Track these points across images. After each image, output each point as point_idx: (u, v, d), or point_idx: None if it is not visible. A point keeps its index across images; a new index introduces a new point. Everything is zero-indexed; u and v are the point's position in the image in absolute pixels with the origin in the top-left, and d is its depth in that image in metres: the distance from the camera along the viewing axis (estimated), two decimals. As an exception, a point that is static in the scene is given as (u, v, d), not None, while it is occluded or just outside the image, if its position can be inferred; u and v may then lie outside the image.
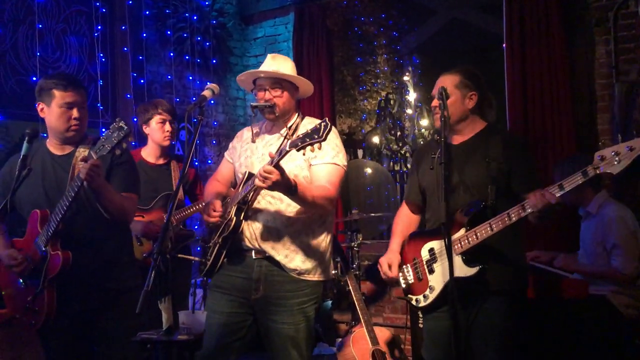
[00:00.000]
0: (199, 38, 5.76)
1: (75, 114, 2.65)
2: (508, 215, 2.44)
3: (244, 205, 2.61)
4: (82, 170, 2.44)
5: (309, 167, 2.64)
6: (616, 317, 3.33)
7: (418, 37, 8.18)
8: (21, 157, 2.63)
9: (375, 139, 7.91)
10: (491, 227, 2.47)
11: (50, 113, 2.65)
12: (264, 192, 2.60)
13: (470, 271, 2.48)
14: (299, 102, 5.76)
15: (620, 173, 2.24)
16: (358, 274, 4.54)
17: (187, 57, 5.69)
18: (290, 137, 2.60)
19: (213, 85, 2.56)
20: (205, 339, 2.73)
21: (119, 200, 2.69)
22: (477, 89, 2.71)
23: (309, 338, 2.69)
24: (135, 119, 4.92)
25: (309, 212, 2.62)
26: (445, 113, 2.48)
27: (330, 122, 2.50)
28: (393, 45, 8.41)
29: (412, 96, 8.68)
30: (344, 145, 2.76)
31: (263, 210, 2.63)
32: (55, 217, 2.55)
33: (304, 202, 2.50)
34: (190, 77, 5.78)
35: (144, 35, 5.26)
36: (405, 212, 2.97)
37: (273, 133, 2.78)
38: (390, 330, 4.35)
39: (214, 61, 5.99)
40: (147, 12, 5.30)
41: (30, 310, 2.64)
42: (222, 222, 2.64)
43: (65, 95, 2.62)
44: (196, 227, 5.28)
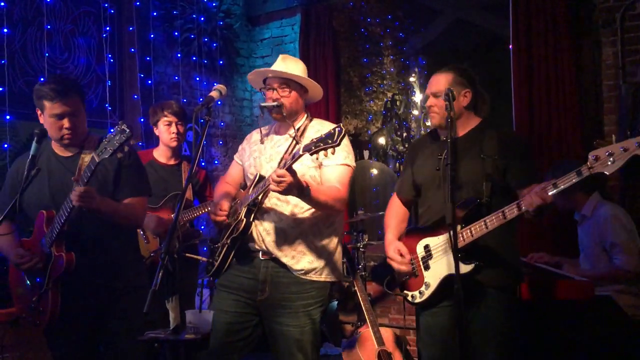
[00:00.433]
0: (206, 39, 5.79)
1: (65, 124, 2.60)
2: (503, 213, 2.44)
3: (254, 207, 2.63)
4: (73, 198, 2.45)
5: (317, 166, 2.65)
6: (621, 317, 3.33)
7: (424, 38, 8.17)
8: (30, 157, 2.63)
9: (381, 140, 7.91)
10: (486, 224, 2.46)
11: (44, 121, 2.65)
12: (271, 193, 2.61)
13: (466, 268, 2.47)
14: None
15: (614, 173, 2.24)
16: (364, 275, 4.54)
17: (194, 58, 5.72)
18: (298, 138, 2.63)
19: (220, 86, 2.56)
20: (211, 336, 2.75)
21: (123, 211, 2.70)
22: (470, 86, 2.71)
23: (314, 341, 2.68)
24: (143, 120, 4.97)
25: (318, 212, 2.63)
26: (451, 114, 2.48)
27: (337, 123, 2.53)
28: (399, 46, 8.41)
29: (418, 97, 8.67)
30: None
31: (270, 211, 2.65)
32: (59, 219, 2.56)
33: (316, 204, 2.51)
34: (198, 78, 5.81)
35: (152, 36, 5.29)
36: (397, 206, 2.94)
37: (281, 134, 2.80)
38: (395, 331, 4.36)
39: (221, 62, 6.01)
40: (154, 13, 5.33)
41: (35, 311, 2.64)
42: (231, 223, 2.65)
43: (53, 107, 2.57)
44: (202, 227, 5.30)
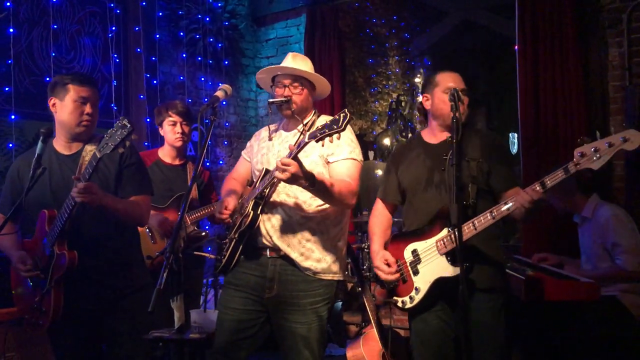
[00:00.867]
0: (211, 39, 5.80)
1: (88, 109, 2.68)
2: (491, 213, 2.44)
3: (260, 200, 2.63)
4: (74, 194, 2.45)
5: (324, 163, 2.65)
6: (626, 317, 3.32)
7: (429, 38, 8.16)
8: (36, 156, 2.62)
9: (386, 141, 7.90)
10: (474, 226, 2.47)
11: (62, 108, 2.67)
12: (280, 189, 2.62)
13: (455, 271, 2.47)
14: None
15: (603, 168, 2.28)
16: (368, 275, 4.54)
17: (199, 58, 5.73)
18: (306, 132, 2.62)
19: (225, 86, 2.56)
20: (216, 334, 2.74)
21: (124, 208, 2.70)
22: (469, 92, 2.73)
23: (321, 338, 2.69)
24: (148, 120, 4.98)
25: (327, 210, 2.63)
26: (457, 115, 2.48)
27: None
28: (404, 46, 8.40)
29: (423, 98, 8.66)
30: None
31: (279, 207, 2.64)
32: (61, 217, 2.56)
33: (325, 194, 2.47)
34: (203, 78, 5.82)
35: (157, 36, 5.31)
36: (382, 212, 2.94)
37: (290, 130, 2.80)
38: (399, 332, 4.35)
39: (226, 62, 6.02)
40: (160, 14, 5.34)
41: (38, 311, 2.64)
42: (237, 218, 2.66)
43: (80, 90, 2.65)
44: (207, 227, 5.30)
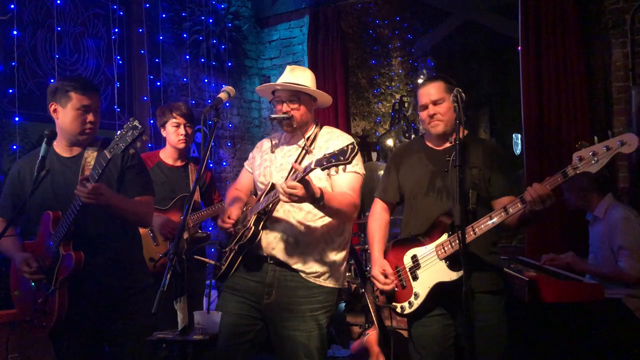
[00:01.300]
0: (214, 41, 5.81)
1: (90, 117, 2.66)
2: (490, 217, 2.47)
3: (263, 215, 2.64)
4: (82, 195, 2.44)
5: (327, 177, 2.66)
6: (631, 320, 3.31)
7: (432, 39, 8.15)
8: (40, 157, 2.62)
9: (390, 142, 7.89)
10: (474, 230, 2.50)
11: (64, 115, 2.65)
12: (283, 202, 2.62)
13: (454, 275, 2.51)
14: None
15: (600, 172, 2.35)
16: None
17: (202, 60, 5.74)
18: (308, 147, 2.65)
19: (229, 87, 2.57)
20: (218, 339, 2.75)
21: (132, 207, 2.70)
22: (460, 96, 2.75)
23: (322, 348, 2.66)
24: (152, 121, 4.99)
25: (330, 221, 2.64)
26: (460, 115, 2.47)
27: (345, 124, 2.55)
28: (407, 47, 8.40)
29: (426, 99, 8.65)
30: (358, 148, 2.77)
31: (281, 220, 2.65)
32: (67, 218, 2.56)
33: (329, 211, 2.50)
34: (206, 80, 5.83)
35: (161, 38, 5.32)
36: (380, 214, 2.95)
37: (292, 144, 2.81)
38: (403, 333, 4.34)
39: (229, 64, 6.03)
40: (163, 15, 5.36)
41: (41, 312, 2.64)
42: (239, 229, 2.66)
43: (82, 99, 2.62)
44: (210, 228, 5.31)
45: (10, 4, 4.18)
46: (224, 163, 5.93)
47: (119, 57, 5.01)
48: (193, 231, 3.65)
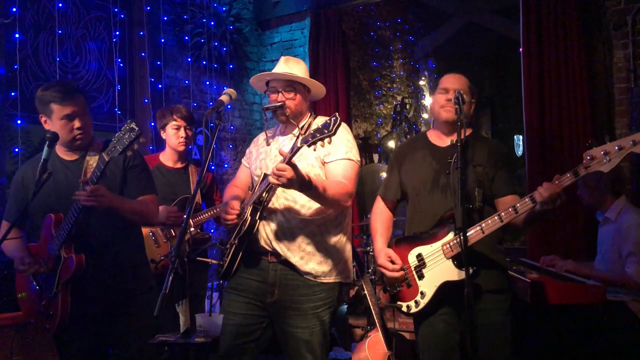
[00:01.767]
0: (216, 43, 5.81)
1: (77, 124, 2.65)
2: (499, 216, 2.45)
3: (259, 205, 2.63)
4: (82, 198, 2.45)
5: (321, 165, 2.65)
6: (634, 323, 3.30)
7: (434, 41, 8.17)
8: (42, 160, 2.63)
9: (391, 144, 7.90)
10: (482, 229, 2.48)
11: (53, 125, 2.66)
12: (279, 193, 2.63)
13: (462, 274, 2.46)
14: (315, 106, 5.80)
15: (617, 172, 2.29)
16: (374, 279, 4.54)
17: (204, 62, 5.75)
18: (301, 133, 2.63)
19: (230, 90, 2.57)
20: (220, 339, 2.75)
21: (135, 208, 2.71)
22: (477, 97, 2.77)
23: (324, 343, 2.68)
24: (153, 124, 4.99)
25: (327, 212, 2.63)
26: (461, 117, 2.48)
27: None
28: (409, 49, 8.41)
29: (428, 100, 8.66)
30: (359, 150, 2.76)
31: (278, 211, 2.65)
32: (68, 221, 2.57)
33: (320, 198, 2.48)
34: (208, 82, 5.84)
35: (162, 40, 5.32)
36: (383, 210, 2.93)
37: (286, 134, 2.81)
38: (405, 335, 4.34)
39: (231, 66, 6.04)
40: (165, 18, 5.36)
41: (45, 315, 2.65)
42: (238, 222, 2.66)
43: (63, 109, 2.60)
44: (212, 230, 5.31)
45: (13, 8, 4.19)
46: (226, 165, 5.94)
47: (119, 60, 5.02)
48: (195, 232, 3.65)
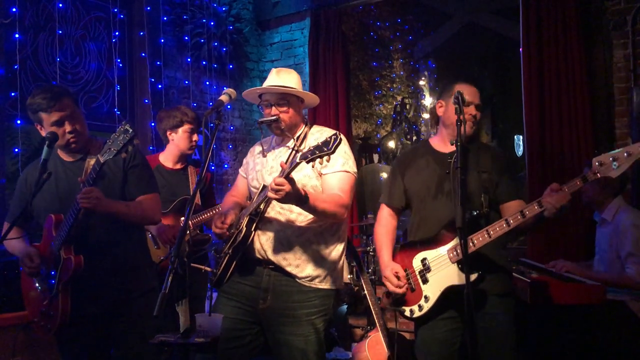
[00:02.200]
0: (215, 43, 5.82)
1: (67, 127, 2.65)
2: (507, 221, 2.47)
3: (255, 217, 2.63)
4: (79, 200, 2.47)
5: (318, 176, 2.64)
6: (634, 323, 3.30)
7: (434, 41, 8.17)
8: (42, 161, 2.64)
9: (391, 144, 7.90)
10: (489, 233, 2.50)
11: (46, 132, 2.66)
12: (274, 203, 2.61)
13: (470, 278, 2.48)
14: (315, 108, 5.80)
15: (620, 176, 2.36)
16: (373, 279, 4.54)
17: (204, 63, 5.75)
18: (298, 147, 2.62)
19: (230, 90, 2.56)
20: None
21: (136, 209, 2.71)
22: (482, 109, 2.78)
23: (319, 351, 2.65)
24: (153, 124, 4.98)
25: (322, 221, 2.62)
26: (461, 117, 2.48)
27: (346, 126, 2.54)
28: (409, 49, 8.41)
29: (428, 100, 8.67)
30: (360, 150, 2.76)
31: (273, 221, 2.64)
32: (67, 222, 2.58)
33: (316, 212, 2.49)
34: (207, 82, 5.84)
35: (162, 41, 5.33)
36: (386, 219, 2.94)
37: (282, 145, 2.80)
38: (405, 335, 4.34)
39: (231, 66, 6.04)
40: (165, 18, 5.37)
41: (46, 315, 2.66)
42: (233, 232, 2.65)
43: (49, 117, 2.61)
44: (212, 232, 5.31)
45: (12, 8, 4.19)
46: (226, 165, 5.93)
47: (119, 60, 5.02)
48: (195, 233, 3.65)
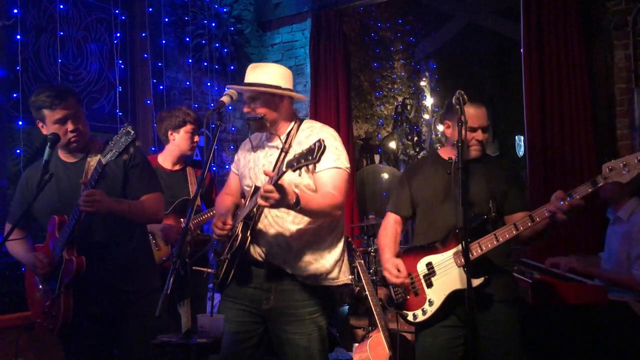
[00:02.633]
0: (217, 44, 5.83)
1: (70, 126, 2.66)
2: (515, 225, 2.49)
3: (249, 221, 2.60)
4: (81, 204, 2.48)
5: (311, 174, 2.60)
6: (637, 324, 3.29)
7: (435, 42, 8.18)
8: (43, 162, 2.64)
9: (392, 144, 7.91)
10: (497, 238, 2.52)
11: (49, 131, 2.68)
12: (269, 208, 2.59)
13: (475, 282, 2.49)
14: (316, 105, 5.81)
15: (631, 182, 2.36)
16: (375, 279, 4.54)
17: (205, 64, 5.76)
18: (286, 147, 2.61)
19: (231, 91, 2.56)
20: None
21: (138, 208, 2.72)
22: (489, 129, 2.81)
23: (323, 349, 2.65)
24: (155, 125, 4.98)
25: (318, 221, 2.61)
26: (462, 118, 2.47)
27: (347, 127, 2.52)
28: (410, 50, 8.42)
29: (429, 101, 8.68)
30: (361, 151, 2.76)
31: (270, 225, 2.62)
32: (69, 224, 2.58)
33: (310, 213, 2.47)
34: (209, 83, 5.84)
35: (163, 42, 5.34)
36: (392, 226, 2.94)
37: (272, 141, 2.75)
38: (407, 336, 4.35)
39: (232, 67, 6.05)
40: (166, 20, 5.37)
41: (49, 315, 2.67)
42: (229, 237, 2.63)
43: (54, 114, 2.62)
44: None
45: (14, 9, 4.20)
46: (227, 166, 5.93)
47: (120, 62, 5.03)
48: (196, 233, 3.65)
